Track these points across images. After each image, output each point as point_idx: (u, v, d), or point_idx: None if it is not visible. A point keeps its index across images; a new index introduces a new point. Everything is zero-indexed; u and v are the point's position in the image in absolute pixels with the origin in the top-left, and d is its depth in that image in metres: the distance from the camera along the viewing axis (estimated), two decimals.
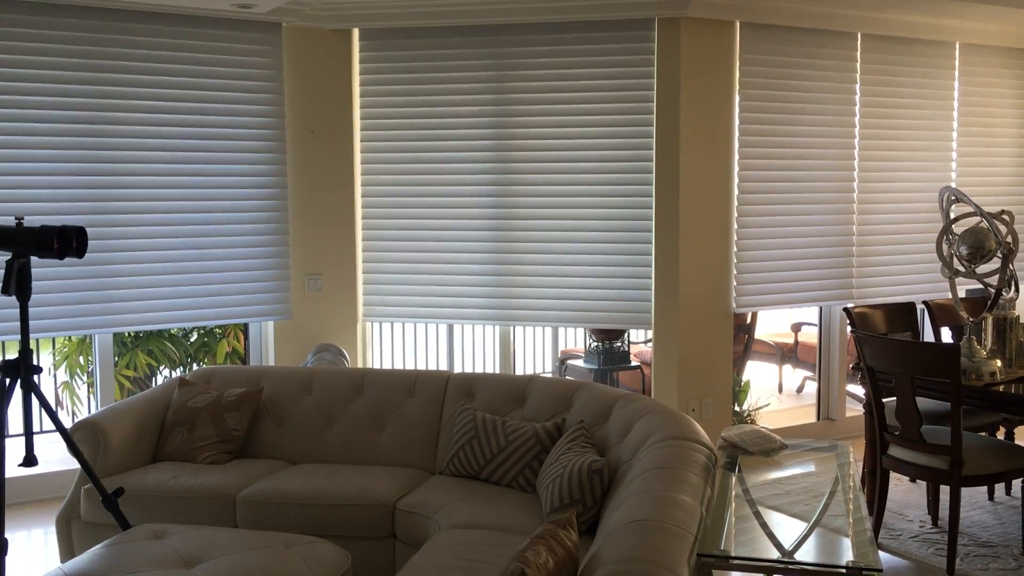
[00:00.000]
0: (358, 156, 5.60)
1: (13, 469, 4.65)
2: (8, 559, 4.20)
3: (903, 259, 6.15)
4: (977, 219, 4.45)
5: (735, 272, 5.55)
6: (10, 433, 5.62)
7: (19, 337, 3.50)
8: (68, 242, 3.37)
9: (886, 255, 6.09)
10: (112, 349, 5.29)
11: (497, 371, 5.77)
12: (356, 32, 5.51)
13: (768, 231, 5.67)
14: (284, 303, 5.43)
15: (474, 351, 7.74)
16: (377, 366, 6.55)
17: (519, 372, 7.04)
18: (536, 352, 7.94)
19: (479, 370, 7.66)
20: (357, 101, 5.57)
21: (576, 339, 7.89)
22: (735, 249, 5.56)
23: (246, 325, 5.70)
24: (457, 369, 7.63)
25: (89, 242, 4.89)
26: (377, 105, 5.55)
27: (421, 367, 7.60)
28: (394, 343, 7.61)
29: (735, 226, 5.55)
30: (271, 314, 5.40)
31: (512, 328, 5.76)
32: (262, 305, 5.38)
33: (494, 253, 5.51)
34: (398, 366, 7.51)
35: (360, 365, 5.70)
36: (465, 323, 5.72)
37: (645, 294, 5.38)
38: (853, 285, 5.95)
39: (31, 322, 4.72)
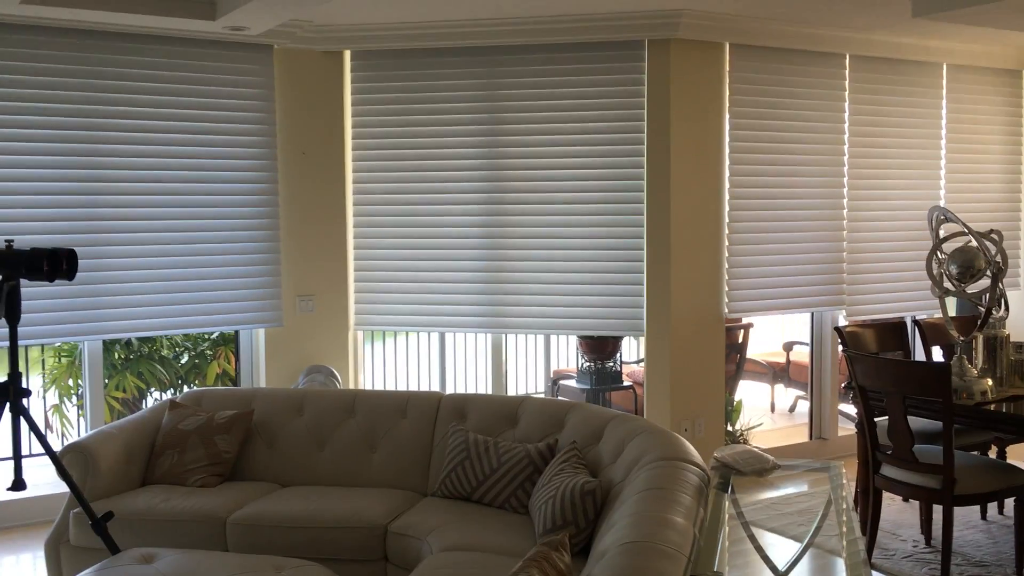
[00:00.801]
0: (350, 177, 5.60)
1: (2, 493, 4.61)
2: None
3: (893, 276, 6.18)
4: (966, 238, 4.47)
5: (727, 278, 5.56)
6: None
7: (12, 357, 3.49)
8: (58, 264, 3.37)
9: (876, 271, 6.12)
10: (102, 371, 5.27)
11: (489, 383, 5.76)
12: (348, 54, 5.53)
13: (758, 244, 5.69)
14: (276, 310, 5.42)
15: (466, 368, 7.73)
16: (369, 384, 6.53)
17: (511, 392, 7.03)
18: (528, 372, 7.93)
19: (471, 386, 7.66)
20: (349, 122, 5.58)
21: (568, 359, 7.88)
22: (726, 265, 5.57)
23: (237, 346, 5.69)
24: (449, 385, 7.63)
25: (80, 260, 4.88)
26: (369, 126, 5.56)
27: (413, 384, 7.59)
28: (386, 361, 7.59)
29: (726, 243, 5.56)
30: (262, 322, 5.39)
31: (504, 339, 5.75)
32: (253, 312, 5.37)
33: (487, 261, 5.50)
34: (390, 384, 7.49)
35: (352, 382, 5.69)
36: (457, 331, 5.73)
37: (638, 300, 5.38)
38: (844, 292, 5.98)
39: (21, 328, 4.67)
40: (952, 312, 6.43)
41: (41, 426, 5.94)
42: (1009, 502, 4.95)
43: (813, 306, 5.95)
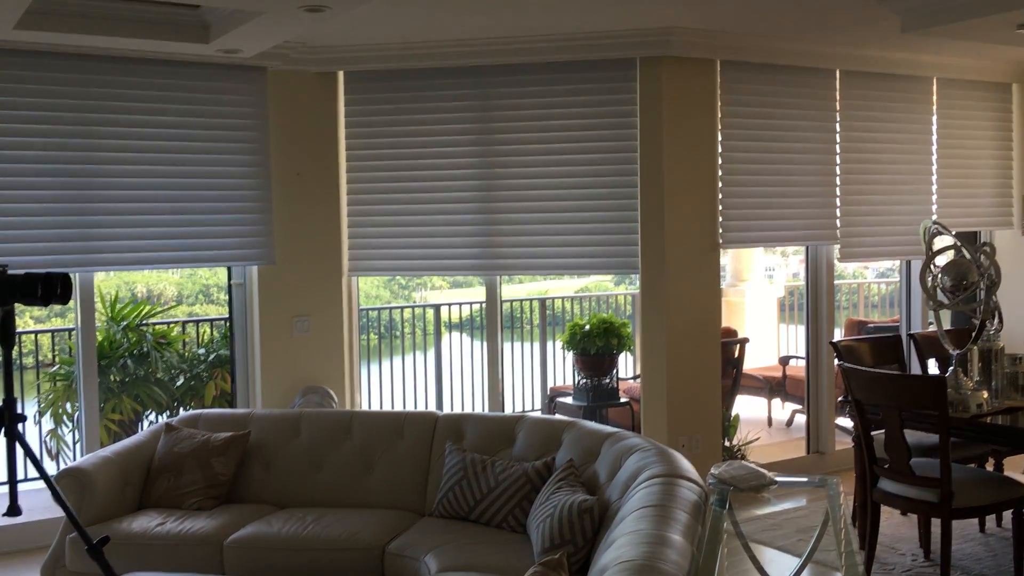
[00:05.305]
0: (344, 198, 5.61)
1: None
2: None
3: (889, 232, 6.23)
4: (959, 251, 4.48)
5: (720, 217, 5.57)
6: None
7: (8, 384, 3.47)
8: (53, 289, 3.37)
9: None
10: (98, 394, 5.25)
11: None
12: (341, 75, 5.55)
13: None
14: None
15: (463, 388, 7.73)
16: (365, 404, 6.52)
17: (508, 410, 7.01)
18: (525, 390, 7.93)
19: (467, 405, 7.66)
20: (343, 143, 5.59)
21: (565, 376, 7.87)
22: (720, 216, 5.58)
23: (233, 367, 5.68)
24: (446, 405, 7.63)
25: (74, 287, 4.88)
26: (363, 147, 5.57)
27: (409, 404, 7.58)
28: (382, 381, 7.59)
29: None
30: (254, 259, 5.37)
31: (498, 291, 5.77)
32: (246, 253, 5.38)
33: (481, 203, 5.51)
34: (386, 404, 7.48)
35: (348, 403, 5.68)
36: (451, 275, 5.74)
37: (632, 237, 5.39)
38: (837, 231, 5.99)
39: (12, 259, 4.62)
40: (947, 325, 6.44)
41: (37, 452, 5.91)
42: (1007, 515, 4.94)
43: (806, 246, 6.03)
